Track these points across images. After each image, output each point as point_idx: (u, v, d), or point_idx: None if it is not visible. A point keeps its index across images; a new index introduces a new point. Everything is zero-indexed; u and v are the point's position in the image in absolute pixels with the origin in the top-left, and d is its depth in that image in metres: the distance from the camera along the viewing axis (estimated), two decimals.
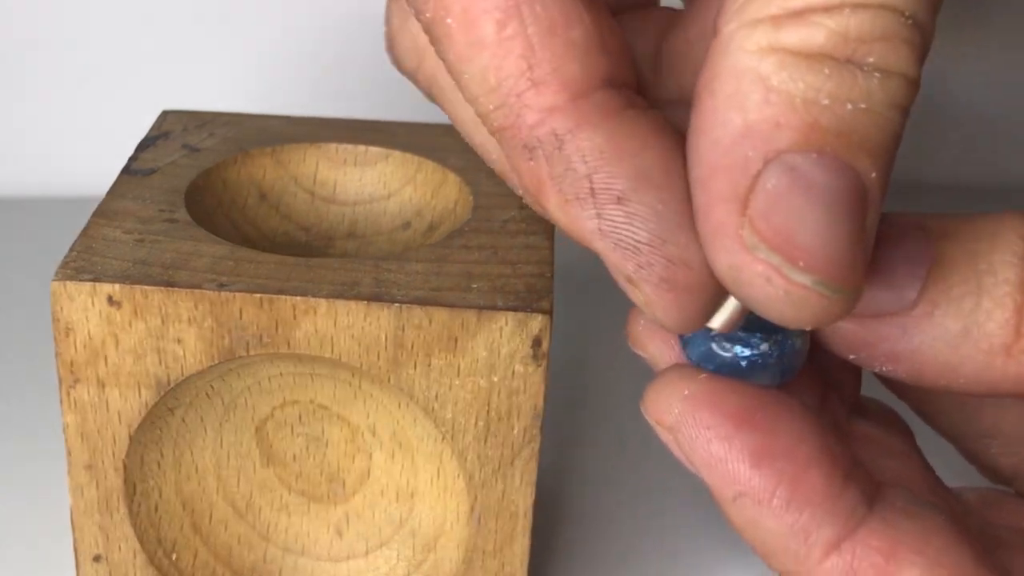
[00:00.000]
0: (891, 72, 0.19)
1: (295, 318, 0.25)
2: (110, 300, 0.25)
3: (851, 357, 0.22)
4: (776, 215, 0.19)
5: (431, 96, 0.25)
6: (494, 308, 0.24)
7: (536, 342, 0.25)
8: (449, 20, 0.20)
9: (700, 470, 0.22)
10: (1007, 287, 0.20)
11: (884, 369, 0.22)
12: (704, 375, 0.22)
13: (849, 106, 0.19)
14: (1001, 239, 0.20)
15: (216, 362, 0.25)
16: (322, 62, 0.49)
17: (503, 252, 0.27)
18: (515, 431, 0.25)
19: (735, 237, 0.19)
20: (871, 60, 0.19)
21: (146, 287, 0.25)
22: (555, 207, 0.21)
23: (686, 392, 0.21)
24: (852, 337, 0.21)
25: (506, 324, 0.24)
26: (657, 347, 0.23)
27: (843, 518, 0.21)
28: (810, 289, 0.19)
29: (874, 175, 0.19)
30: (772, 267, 0.19)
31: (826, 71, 0.19)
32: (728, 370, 0.22)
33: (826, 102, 0.19)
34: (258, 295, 0.25)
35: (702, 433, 0.21)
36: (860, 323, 0.21)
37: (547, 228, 0.28)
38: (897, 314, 0.21)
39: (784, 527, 0.21)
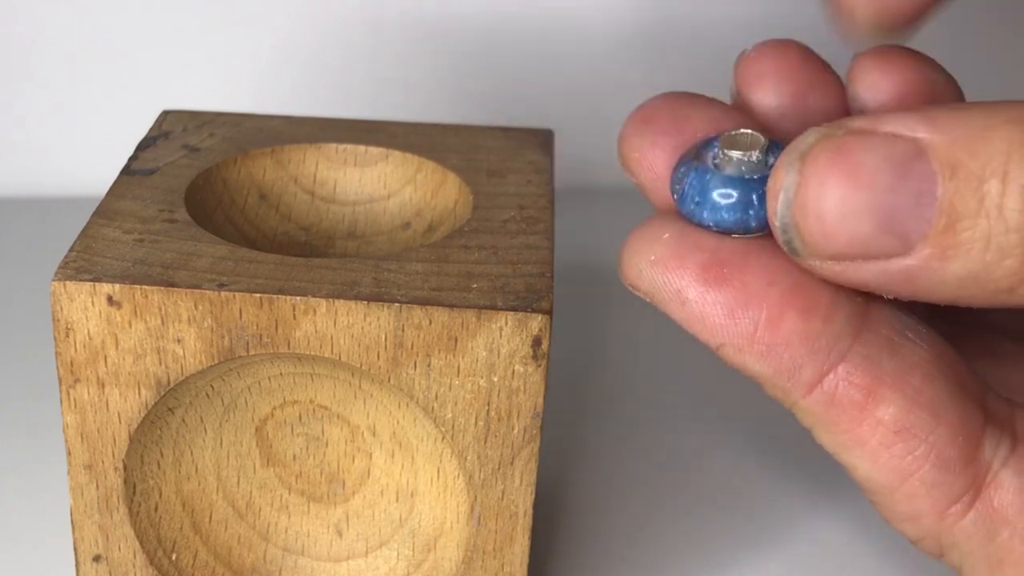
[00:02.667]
0: None
1: (295, 318, 0.25)
2: (110, 300, 0.25)
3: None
4: None
5: None
6: (494, 308, 0.24)
7: (536, 342, 0.25)
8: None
9: (681, 324, 0.22)
10: (1016, 237, 0.19)
11: (884, 295, 0.22)
12: (667, 234, 0.22)
13: None
14: (1012, 180, 0.19)
15: (216, 362, 0.25)
16: (322, 62, 0.49)
17: (503, 252, 0.27)
18: (515, 431, 0.26)
19: None
20: None
21: (146, 287, 0.25)
22: None
23: (652, 257, 0.22)
24: (851, 279, 0.21)
25: (506, 324, 0.24)
26: (648, 178, 0.23)
27: (823, 355, 0.21)
28: None
29: None
30: None
31: None
32: (716, 221, 0.22)
33: None
34: (258, 295, 0.25)
35: (675, 295, 0.22)
36: (860, 266, 0.21)
37: (547, 228, 0.28)
38: (901, 257, 0.20)
39: (767, 369, 0.22)
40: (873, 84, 0.24)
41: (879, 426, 0.22)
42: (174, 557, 0.28)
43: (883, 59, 0.24)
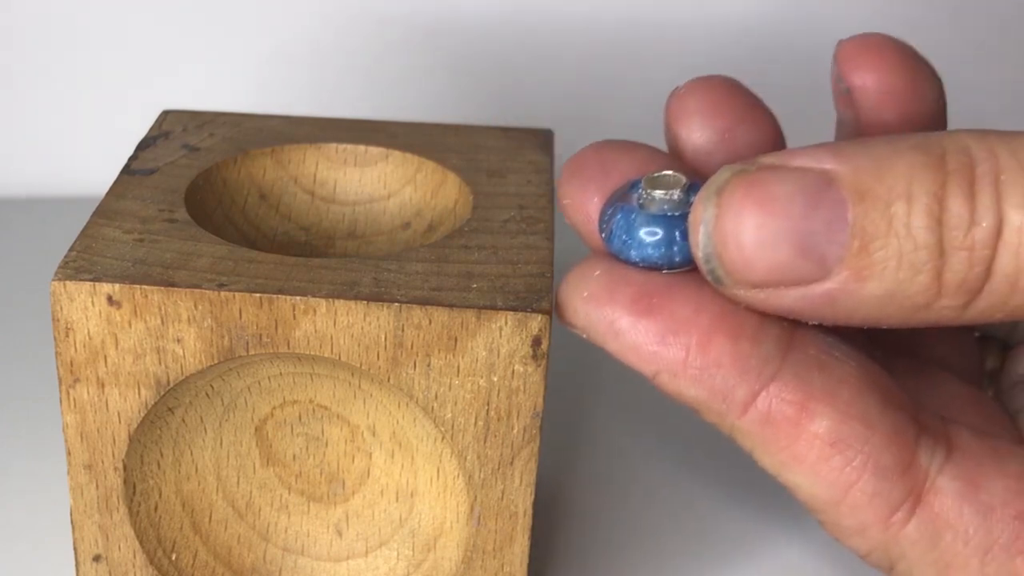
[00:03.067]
0: None
1: (295, 318, 0.25)
2: (110, 300, 0.25)
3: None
4: None
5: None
6: (494, 308, 0.24)
7: (536, 342, 0.25)
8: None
9: (618, 358, 0.23)
10: (925, 253, 0.20)
11: (809, 322, 0.23)
12: (598, 272, 0.23)
13: None
14: (916, 200, 0.20)
15: (216, 362, 0.25)
16: (322, 62, 0.49)
17: (503, 252, 0.27)
18: (515, 431, 0.25)
19: None
20: None
21: (146, 287, 0.25)
22: None
23: (585, 293, 0.23)
24: (775, 305, 0.22)
25: (506, 324, 0.24)
26: (581, 221, 0.25)
27: (754, 375, 0.22)
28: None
29: None
30: None
31: None
32: (643, 257, 0.23)
33: None
34: (258, 295, 0.25)
35: (608, 327, 0.23)
36: (782, 292, 0.21)
37: (547, 228, 0.28)
38: (820, 282, 0.21)
39: (702, 392, 0.22)
40: (858, 65, 0.25)
41: (815, 440, 0.22)
42: (174, 557, 0.28)
43: (867, 43, 0.25)
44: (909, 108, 0.25)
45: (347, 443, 0.28)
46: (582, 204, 0.25)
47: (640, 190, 0.23)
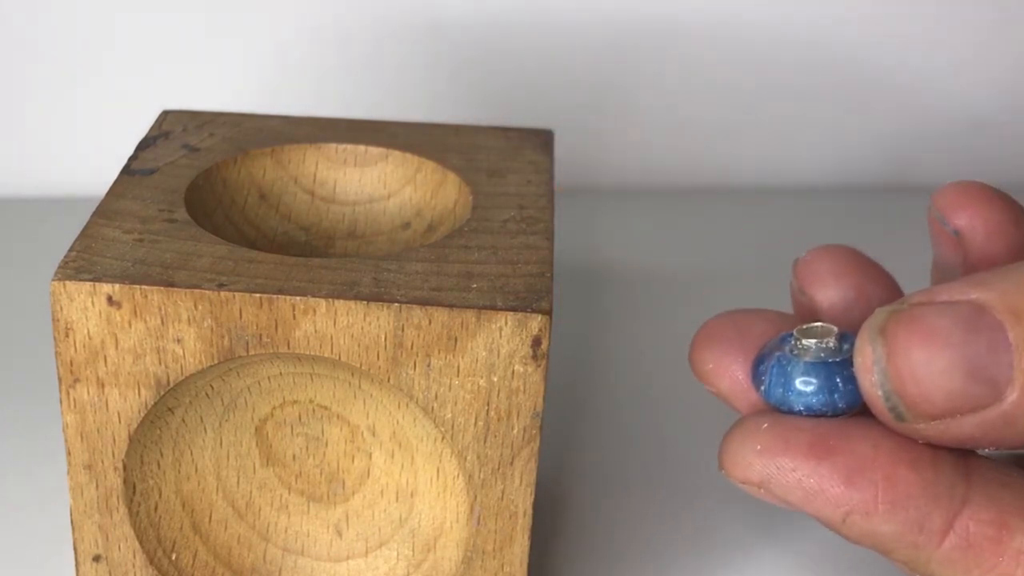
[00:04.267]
0: None
1: (295, 318, 0.25)
2: (109, 300, 0.25)
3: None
4: None
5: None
6: (494, 308, 0.24)
7: (536, 342, 0.25)
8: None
9: (801, 507, 0.23)
10: None
11: (987, 451, 0.23)
12: (766, 424, 0.23)
13: None
14: None
15: (216, 362, 0.25)
16: (322, 62, 0.49)
17: (503, 252, 0.27)
18: (515, 431, 0.25)
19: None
20: None
21: (146, 287, 0.25)
22: None
23: (758, 447, 0.23)
24: (955, 435, 0.22)
25: (506, 324, 0.24)
26: (727, 385, 0.25)
27: (946, 500, 0.22)
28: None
29: None
30: None
31: None
32: (806, 405, 0.23)
33: None
34: (258, 295, 0.25)
35: (790, 476, 0.23)
36: (960, 421, 0.22)
37: (547, 228, 0.28)
38: (993, 406, 0.21)
39: (897, 527, 0.22)
40: (962, 207, 0.26)
41: (1020, 555, 0.22)
42: (174, 557, 0.28)
43: (965, 188, 0.27)
44: (1012, 241, 0.26)
45: (347, 443, 0.28)
46: (726, 367, 0.25)
47: (792, 341, 0.24)
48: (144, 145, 0.31)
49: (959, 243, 0.27)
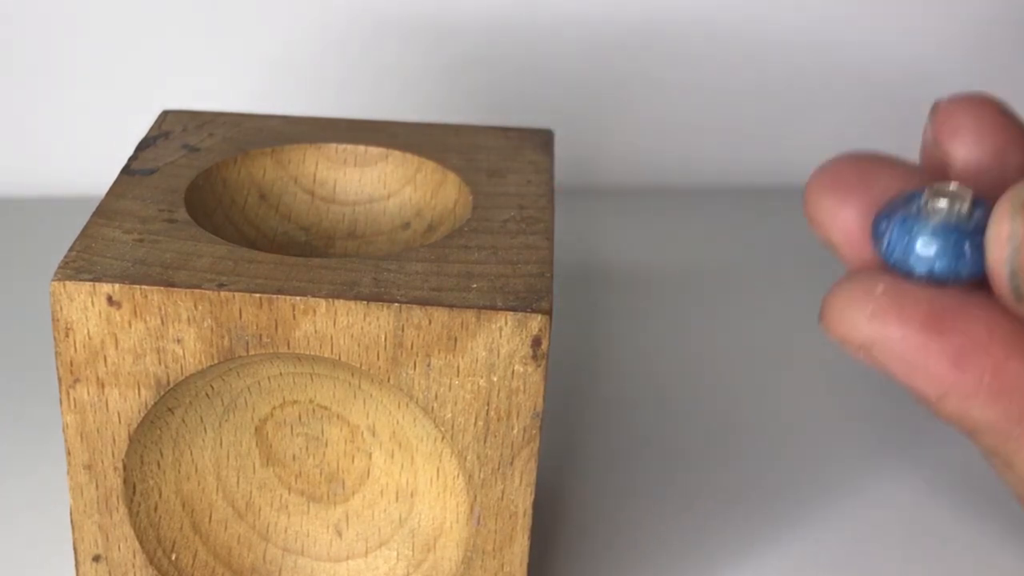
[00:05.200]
0: None
1: (295, 318, 0.25)
2: (109, 300, 0.25)
3: None
4: None
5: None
6: (494, 308, 0.24)
7: (536, 342, 0.25)
8: None
9: (899, 377, 0.22)
10: None
11: None
12: (881, 287, 0.22)
13: None
14: None
15: (216, 362, 0.25)
16: (322, 62, 0.49)
17: (503, 252, 0.27)
18: (515, 431, 0.25)
19: None
20: None
21: (146, 287, 0.25)
22: None
23: (870, 310, 0.22)
24: None
25: (506, 324, 0.24)
26: (841, 235, 0.24)
27: None
28: None
29: None
30: None
31: None
32: (928, 269, 0.22)
33: None
34: (258, 295, 0.25)
35: (897, 346, 0.22)
36: None
37: (547, 228, 0.28)
38: None
39: (994, 416, 0.22)
40: (953, 133, 0.24)
41: None
42: (174, 557, 0.28)
43: (961, 108, 0.25)
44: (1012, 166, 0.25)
45: (347, 443, 0.28)
46: (844, 218, 0.24)
47: (921, 200, 0.22)
48: (144, 145, 0.31)
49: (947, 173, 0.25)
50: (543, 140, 0.32)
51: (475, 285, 0.25)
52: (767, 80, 0.51)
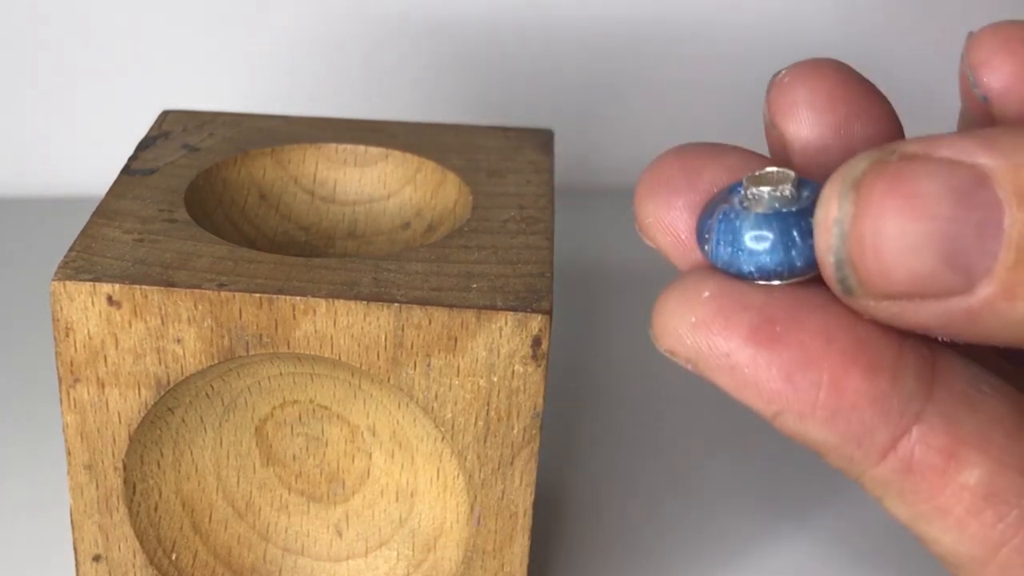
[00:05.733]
0: None
1: (295, 318, 0.25)
2: (110, 300, 0.25)
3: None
4: None
5: None
6: (494, 308, 0.24)
7: (536, 342, 0.25)
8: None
9: (730, 392, 0.20)
10: None
11: (940, 337, 0.20)
12: (707, 292, 0.20)
13: None
14: None
15: (216, 362, 0.25)
16: (322, 62, 0.49)
17: (503, 252, 0.27)
18: (515, 431, 0.25)
19: None
20: None
21: (146, 287, 0.25)
22: None
23: (693, 319, 0.20)
24: (907, 321, 0.19)
25: (506, 324, 0.24)
26: (667, 241, 0.21)
27: (896, 417, 0.19)
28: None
29: None
30: None
31: None
32: (758, 265, 0.20)
33: None
34: (258, 295, 0.25)
35: (723, 360, 0.19)
36: (918, 306, 0.18)
37: (547, 228, 0.28)
38: (960, 296, 0.18)
39: (833, 436, 0.19)
40: (996, 66, 0.22)
41: (964, 492, 0.19)
42: (174, 557, 0.28)
43: (1005, 35, 0.22)
44: None
45: (347, 443, 0.28)
46: (669, 221, 0.21)
47: (742, 190, 0.20)
48: (144, 145, 0.31)
49: (989, 112, 0.22)
50: (543, 140, 0.32)
51: (475, 285, 0.25)
52: (767, 81, 0.51)
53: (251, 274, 0.25)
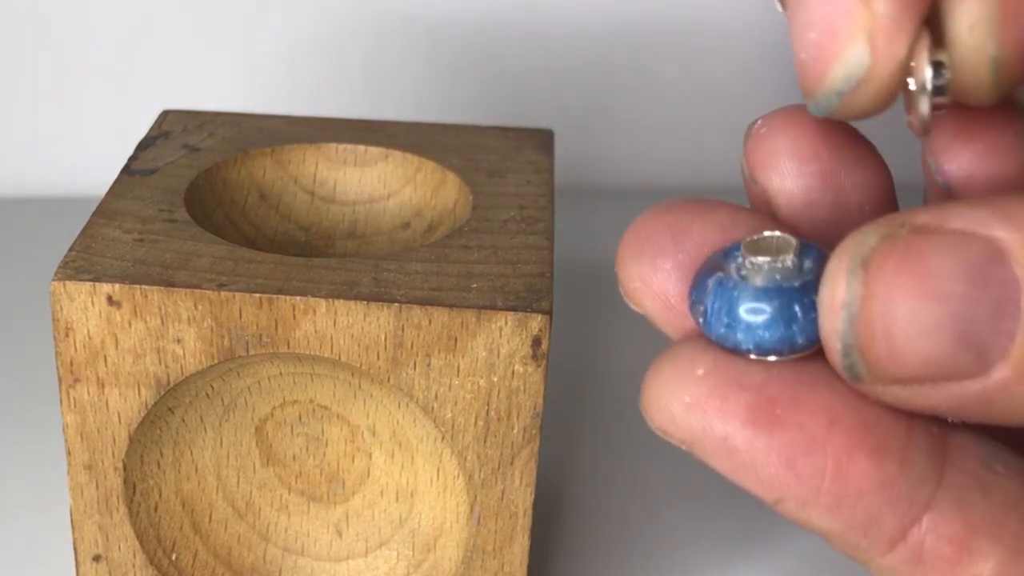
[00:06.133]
0: None
1: (295, 318, 0.25)
2: (109, 300, 0.25)
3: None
4: None
5: None
6: (494, 308, 0.24)
7: (536, 342, 0.25)
8: None
9: (729, 477, 0.19)
10: None
11: (952, 419, 0.19)
12: (701, 371, 0.19)
13: None
14: None
15: (216, 362, 0.25)
16: (322, 62, 0.49)
17: (503, 252, 0.27)
18: (515, 431, 0.25)
19: None
20: None
21: (146, 287, 0.25)
22: None
23: (687, 399, 0.18)
24: (918, 404, 0.18)
25: (506, 324, 0.24)
26: (655, 307, 0.20)
27: (905, 504, 0.18)
28: None
29: None
30: None
31: None
32: (757, 342, 0.18)
33: None
34: (258, 295, 0.25)
35: (720, 443, 0.18)
36: (930, 389, 0.17)
37: (547, 228, 0.28)
38: (974, 378, 0.17)
39: (838, 524, 0.18)
40: (955, 155, 0.21)
41: None
42: (174, 557, 0.28)
43: (968, 122, 0.21)
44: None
45: (347, 443, 0.28)
46: (656, 285, 0.20)
47: (739, 258, 0.19)
48: (144, 145, 0.31)
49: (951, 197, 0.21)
50: (543, 140, 0.32)
51: (475, 285, 0.25)
52: (766, 80, 0.51)
53: (251, 274, 0.25)
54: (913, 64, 0.18)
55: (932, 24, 0.18)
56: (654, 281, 0.20)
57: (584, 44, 0.49)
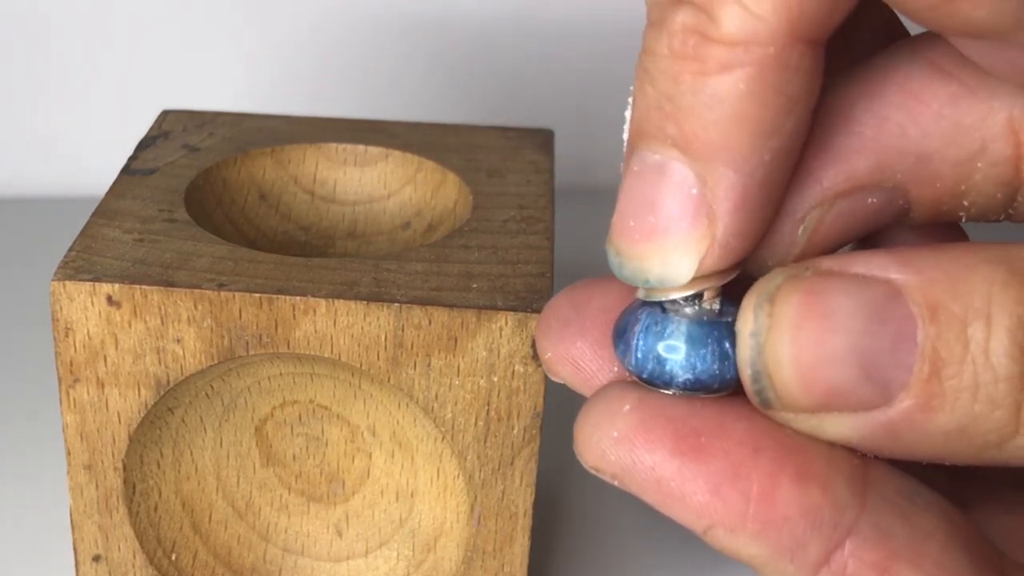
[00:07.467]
0: None
1: (295, 318, 0.25)
2: (109, 300, 0.25)
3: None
4: None
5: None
6: (494, 308, 0.24)
7: (536, 342, 0.25)
8: None
9: (659, 509, 0.19)
10: (1006, 385, 0.18)
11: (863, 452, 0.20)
12: (627, 407, 0.19)
13: None
14: (996, 323, 0.18)
15: (216, 362, 0.25)
16: (322, 62, 0.49)
17: (503, 252, 0.27)
18: (515, 431, 0.25)
19: None
20: None
21: (145, 287, 0.25)
22: None
23: (615, 433, 0.19)
24: (828, 434, 0.19)
25: (506, 324, 0.24)
26: (568, 372, 0.21)
27: (830, 528, 0.19)
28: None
29: None
30: None
31: None
32: (687, 379, 0.19)
33: None
34: (258, 295, 0.25)
35: (648, 475, 0.19)
36: (837, 419, 0.18)
37: (547, 228, 0.28)
38: (878, 409, 0.18)
39: (766, 550, 0.19)
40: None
41: None
42: (174, 557, 0.28)
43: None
44: None
45: (347, 443, 0.28)
46: (564, 352, 0.21)
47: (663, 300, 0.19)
48: (144, 145, 0.31)
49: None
50: (543, 140, 0.32)
51: (475, 285, 0.25)
52: None
53: (251, 274, 0.25)
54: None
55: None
56: (561, 349, 0.21)
57: (584, 44, 0.49)
